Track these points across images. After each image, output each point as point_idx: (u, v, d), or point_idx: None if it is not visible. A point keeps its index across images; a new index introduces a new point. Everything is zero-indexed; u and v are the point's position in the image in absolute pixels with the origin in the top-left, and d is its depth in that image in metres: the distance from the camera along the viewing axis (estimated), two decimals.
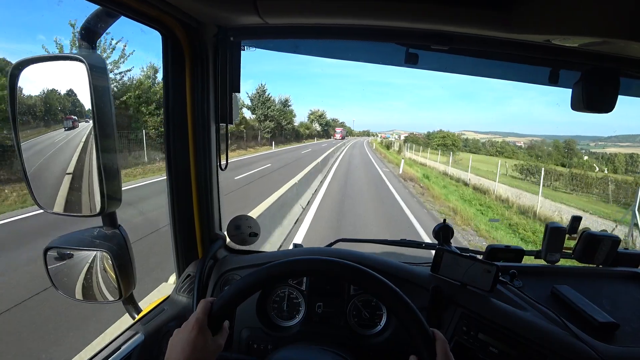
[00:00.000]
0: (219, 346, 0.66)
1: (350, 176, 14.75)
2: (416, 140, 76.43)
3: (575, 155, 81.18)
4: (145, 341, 0.93)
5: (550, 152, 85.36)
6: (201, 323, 0.63)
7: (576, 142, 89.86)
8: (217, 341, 0.65)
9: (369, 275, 0.66)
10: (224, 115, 1.08)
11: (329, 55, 1.23)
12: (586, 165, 61.26)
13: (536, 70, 1.09)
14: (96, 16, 0.80)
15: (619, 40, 0.73)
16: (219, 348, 0.66)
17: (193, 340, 0.61)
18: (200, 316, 0.64)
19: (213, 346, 0.64)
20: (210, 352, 0.63)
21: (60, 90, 0.81)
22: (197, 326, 0.62)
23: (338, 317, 1.05)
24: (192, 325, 0.62)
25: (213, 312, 0.65)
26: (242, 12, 0.85)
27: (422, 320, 0.62)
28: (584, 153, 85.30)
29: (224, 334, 0.68)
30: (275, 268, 0.68)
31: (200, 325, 0.63)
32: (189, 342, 0.60)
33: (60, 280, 0.89)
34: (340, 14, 0.84)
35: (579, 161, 72.46)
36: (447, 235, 1.27)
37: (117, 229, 0.88)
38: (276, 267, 0.68)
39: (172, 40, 0.97)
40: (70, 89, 0.79)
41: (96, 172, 0.76)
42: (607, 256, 1.24)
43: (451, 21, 0.81)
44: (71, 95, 0.78)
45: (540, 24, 0.74)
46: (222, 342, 0.67)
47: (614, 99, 0.97)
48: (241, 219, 1.22)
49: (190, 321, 0.63)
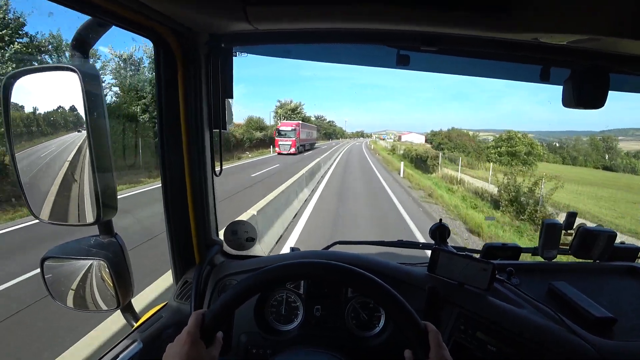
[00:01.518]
0: (213, 358, 0.65)
1: None
2: (444, 143, 52.11)
3: (618, 155, 61.91)
4: (143, 349, 0.93)
5: (588, 152, 66.34)
6: (193, 336, 0.63)
7: (615, 138, 69.75)
8: (211, 353, 0.65)
9: (357, 274, 0.66)
10: (218, 121, 1.09)
11: (321, 59, 1.24)
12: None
13: (527, 68, 1.10)
14: (88, 26, 0.81)
15: (607, 37, 0.74)
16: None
17: (186, 354, 0.60)
18: (192, 329, 0.63)
19: (207, 358, 0.63)
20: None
21: (55, 99, 0.82)
22: (190, 340, 0.62)
23: (336, 319, 1.05)
24: (184, 339, 0.62)
25: (205, 324, 0.65)
26: (232, 19, 0.86)
27: (412, 313, 0.63)
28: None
29: (218, 345, 0.68)
30: (260, 276, 0.68)
31: (193, 338, 0.62)
32: (182, 357, 0.60)
33: (57, 290, 0.89)
34: (329, 18, 0.84)
35: (624, 162, 55.65)
36: (443, 235, 1.27)
37: (113, 237, 0.89)
38: (260, 275, 0.68)
39: (164, 48, 0.98)
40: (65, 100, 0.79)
41: (91, 181, 0.76)
42: (604, 251, 1.24)
43: (439, 23, 0.82)
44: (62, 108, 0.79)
45: (527, 23, 0.75)
46: (216, 354, 0.66)
47: (604, 95, 0.98)
48: (238, 224, 1.23)
49: (182, 335, 0.63)
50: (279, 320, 1.07)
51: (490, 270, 0.94)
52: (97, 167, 0.75)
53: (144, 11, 0.79)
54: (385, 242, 1.36)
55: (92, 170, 0.75)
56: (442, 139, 55.19)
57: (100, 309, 0.91)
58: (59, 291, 0.89)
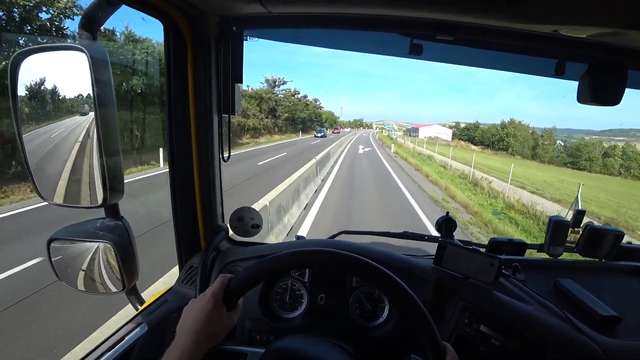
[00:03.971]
0: (232, 322, 0.66)
1: None
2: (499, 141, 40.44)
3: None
4: (148, 332, 0.94)
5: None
6: (217, 297, 0.63)
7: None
8: (231, 317, 0.66)
9: (393, 282, 0.64)
10: (227, 106, 1.08)
11: (332, 46, 1.21)
12: None
13: (542, 62, 1.08)
14: (97, 5, 0.79)
15: (630, 31, 0.72)
16: (232, 324, 0.66)
17: (208, 312, 0.61)
18: (217, 290, 0.64)
19: (226, 321, 0.64)
20: (222, 326, 0.63)
21: (62, 80, 0.80)
22: (213, 300, 0.63)
23: (340, 308, 1.05)
24: (208, 297, 0.63)
25: (230, 288, 0.65)
26: (245, 0, 0.84)
27: (435, 331, 0.62)
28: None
29: (238, 311, 0.68)
30: (299, 256, 0.67)
31: (216, 299, 0.63)
32: (204, 314, 0.61)
33: (64, 272, 0.90)
34: (344, 2, 0.82)
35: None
36: (449, 228, 1.26)
37: (119, 221, 0.89)
38: (301, 254, 0.67)
39: (173, 30, 0.96)
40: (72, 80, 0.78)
41: (98, 164, 0.76)
42: (611, 250, 1.23)
43: (458, 11, 0.79)
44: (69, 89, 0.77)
45: (549, 13, 0.73)
46: (235, 319, 0.67)
47: (621, 92, 0.96)
48: (244, 210, 1.22)
49: (207, 293, 0.64)
50: (284, 307, 1.08)
51: (497, 264, 0.93)
52: (105, 150, 0.74)
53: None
54: (392, 233, 1.36)
55: (100, 152, 0.74)
56: (493, 135, 42.25)
57: (106, 292, 0.91)
58: (65, 273, 0.90)
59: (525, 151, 47.04)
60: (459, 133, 59.54)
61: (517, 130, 49.59)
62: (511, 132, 49.03)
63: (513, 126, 48.93)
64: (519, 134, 48.40)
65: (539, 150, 44.43)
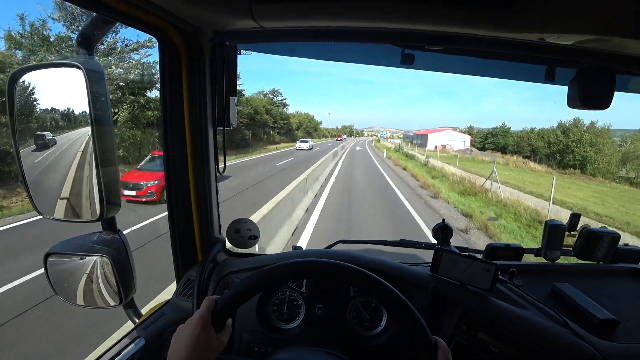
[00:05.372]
0: (222, 344, 0.66)
1: None
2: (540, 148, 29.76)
3: None
4: (146, 346, 0.93)
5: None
6: (205, 320, 0.63)
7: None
8: (220, 339, 0.65)
9: (374, 281, 0.65)
10: (222, 118, 1.09)
11: (325, 58, 1.23)
12: None
13: (532, 68, 1.09)
14: (93, 23, 0.81)
15: (614, 38, 0.74)
16: (222, 346, 0.66)
17: (196, 337, 0.61)
18: (204, 313, 0.64)
19: (216, 343, 0.64)
20: (213, 349, 0.63)
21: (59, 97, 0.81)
22: (201, 323, 0.62)
23: (338, 318, 1.05)
24: (195, 322, 0.63)
25: (217, 309, 0.65)
26: (237, 16, 0.86)
27: (424, 327, 0.62)
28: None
29: (227, 332, 0.68)
30: (284, 268, 0.67)
31: (204, 322, 0.63)
32: (192, 339, 0.61)
33: (61, 286, 0.89)
34: (335, 16, 0.84)
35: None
36: (446, 235, 1.27)
37: (116, 234, 0.89)
38: (286, 267, 0.67)
39: (168, 45, 0.97)
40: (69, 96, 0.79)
41: (95, 178, 0.76)
42: (607, 253, 1.24)
43: (447, 22, 0.81)
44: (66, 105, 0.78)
45: (533, 23, 0.75)
46: (225, 340, 0.67)
47: (610, 96, 0.98)
48: (240, 222, 1.23)
49: (194, 318, 0.63)
50: (281, 318, 1.07)
51: (493, 271, 0.93)
52: (101, 164, 0.75)
53: (149, 8, 0.79)
54: (388, 241, 1.36)
55: (96, 167, 0.75)
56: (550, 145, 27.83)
57: (103, 306, 0.91)
58: (62, 287, 0.89)
59: (613, 169, 33.43)
60: (479, 140, 44.91)
61: (599, 138, 34.13)
62: (586, 139, 34.25)
63: (593, 132, 33.06)
64: (602, 142, 33.23)
65: (630, 168, 29.01)
